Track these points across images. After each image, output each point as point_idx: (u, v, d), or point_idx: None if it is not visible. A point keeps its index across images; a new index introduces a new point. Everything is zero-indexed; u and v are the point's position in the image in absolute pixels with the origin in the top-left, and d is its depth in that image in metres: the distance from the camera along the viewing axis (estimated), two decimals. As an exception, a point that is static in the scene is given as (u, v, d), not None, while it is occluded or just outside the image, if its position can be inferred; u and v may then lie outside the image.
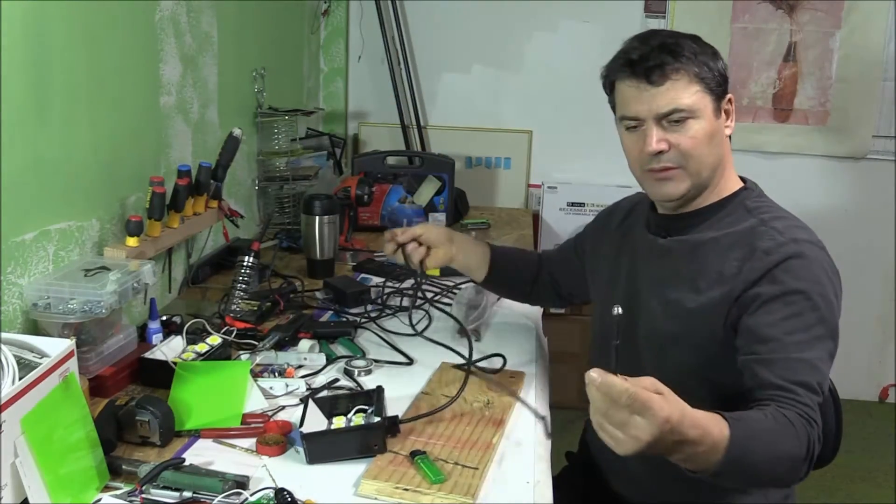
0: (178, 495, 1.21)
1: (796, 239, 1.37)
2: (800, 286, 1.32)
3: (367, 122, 3.63)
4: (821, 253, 1.38)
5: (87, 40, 1.65)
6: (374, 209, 2.83)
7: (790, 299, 1.31)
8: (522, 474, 1.34)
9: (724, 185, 1.48)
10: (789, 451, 1.19)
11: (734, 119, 1.47)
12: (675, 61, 1.39)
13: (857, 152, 3.48)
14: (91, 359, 1.54)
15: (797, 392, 1.24)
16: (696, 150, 1.42)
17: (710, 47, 1.43)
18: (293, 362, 1.68)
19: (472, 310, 1.94)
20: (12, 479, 1.12)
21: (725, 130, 1.45)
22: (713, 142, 1.42)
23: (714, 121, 1.42)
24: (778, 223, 1.41)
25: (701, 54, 1.41)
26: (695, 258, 1.44)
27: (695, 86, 1.40)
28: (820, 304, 1.32)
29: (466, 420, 1.47)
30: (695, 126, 1.41)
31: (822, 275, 1.35)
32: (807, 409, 1.23)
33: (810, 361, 1.28)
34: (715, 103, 1.42)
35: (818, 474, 1.72)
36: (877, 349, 3.67)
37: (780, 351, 1.29)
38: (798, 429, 1.20)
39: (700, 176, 1.44)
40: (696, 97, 1.39)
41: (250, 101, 2.62)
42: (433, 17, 3.50)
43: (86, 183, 1.69)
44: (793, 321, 1.30)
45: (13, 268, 1.47)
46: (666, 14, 3.42)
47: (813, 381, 1.26)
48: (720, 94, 1.42)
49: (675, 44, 1.40)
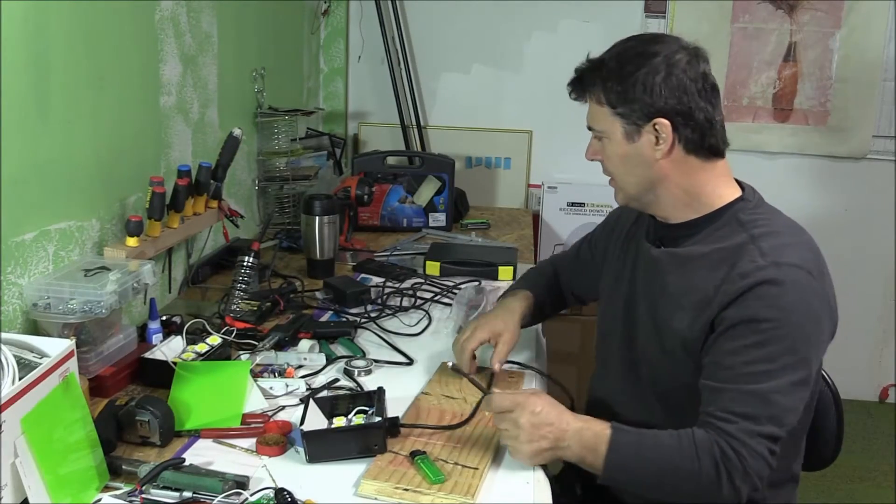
0: (178, 495, 1.21)
1: (778, 262, 1.31)
2: (769, 314, 1.28)
3: (367, 122, 3.63)
4: (806, 278, 1.31)
5: (87, 40, 1.65)
6: (374, 209, 2.83)
7: (757, 327, 1.29)
8: (522, 474, 1.34)
9: (705, 193, 1.42)
10: (688, 470, 1.26)
11: (677, 143, 1.38)
12: (582, 84, 1.44)
13: (857, 152, 3.48)
14: (91, 359, 1.54)
15: (732, 422, 1.26)
16: (612, 169, 1.46)
17: (644, 68, 1.36)
18: (293, 362, 1.68)
19: (472, 310, 1.94)
20: (12, 479, 1.12)
21: (655, 154, 1.39)
22: (629, 164, 1.42)
23: (625, 144, 1.40)
24: (766, 242, 1.35)
25: (615, 79, 1.37)
26: (683, 274, 1.41)
27: (603, 108, 1.41)
28: (790, 333, 1.28)
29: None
30: (608, 146, 1.43)
31: (799, 302, 1.30)
32: (732, 441, 1.26)
33: (762, 394, 1.27)
34: (627, 127, 1.39)
35: (818, 474, 1.74)
36: (877, 349, 3.66)
37: (732, 381, 1.29)
38: (701, 452, 1.26)
39: (628, 192, 1.46)
40: (605, 120, 1.41)
41: (250, 101, 2.62)
42: (433, 17, 3.50)
43: (86, 183, 1.69)
44: (756, 351, 1.28)
45: (13, 268, 1.47)
46: (666, 14, 3.42)
47: (759, 413, 1.26)
48: (635, 119, 1.38)
49: (598, 65, 1.41)
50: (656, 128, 1.37)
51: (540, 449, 1.31)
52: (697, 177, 1.41)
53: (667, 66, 1.36)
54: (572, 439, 1.31)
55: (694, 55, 1.39)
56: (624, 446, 1.29)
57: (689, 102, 1.36)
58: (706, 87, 1.38)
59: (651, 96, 1.36)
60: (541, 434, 1.31)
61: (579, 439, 1.31)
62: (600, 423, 1.32)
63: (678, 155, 1.39)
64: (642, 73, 1.36)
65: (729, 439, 1.26)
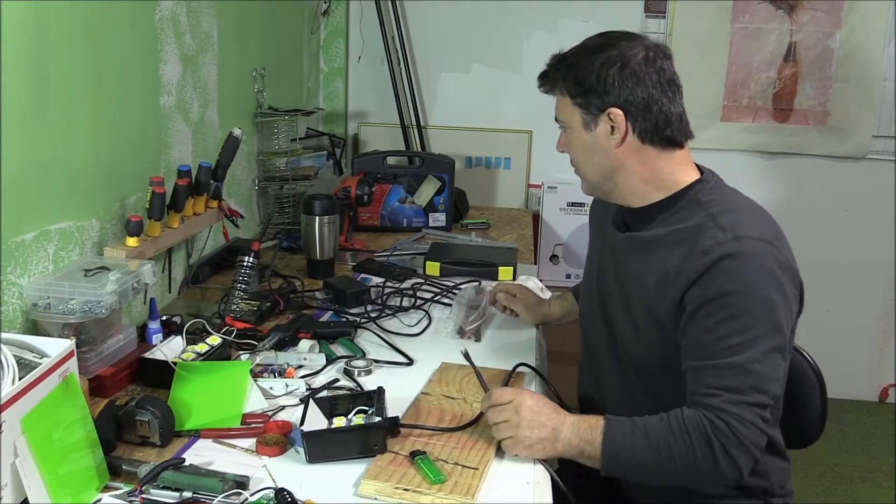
0: (178, 495, 1.21)
1: (738, 236, 1.36)
2: (735, 287, 1.33)
3: (367, 122, 3.63)
4: (766, 248, 1.36)
5: (88, 40, 1.65)
6: (374, 209, 2.83)
7: (725, 301, 1.33)
8: (522, 474, 1.34)
9: (664, 180, 1.47)
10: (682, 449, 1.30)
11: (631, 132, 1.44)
12: (547, 77, 1.51)
13: (857, 152, 3.48)
14: (91, 359, 1.54)
15: (717, 396, 1.30)
16: (575, 158, 1.53)
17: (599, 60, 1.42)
18: (293, 362, 1.68)
19: (472, 310, 1.94)
20: (12, 479, 1.12)
21: (611, 142, 1.45)
22: (590, 153, 1.49)
23: (584, 133, 1.47)
24: (725, 218, 1.39)
25: (574, 70, 1.45)
26: (645, 255, 1.47)
27: (565, 98, 1.48)
28: (758, 303, 1.32)
29: (467, 420, 1.47)
30: (571, 136, 1.51)
31: (762, 273, 1.34)
32: (720, 414, 1.29)
33: (740, 365, 1.31)
34: (585, 117, 1.46)
35: (818, 474, 1.74)
36: (877, 349, 3.66)
37: (710, 357, 1.33)
38: (691, 430, 1.30)
39: (589, 180, 1.54)
40: (566, 110, 1.49)
41: (250, 101, 2.62)
42: (433, 17, 3.50)
43: (86, 183, 1.69)
44: (727, 325, 1.32)
45: (13, 268, 1.47)
46: (666, 14, 3.42)
47: (741, 384, 1.30)
48: (591, 109, 1.44)
49: (561, 59, 1.49)
50: (611, 117, 1.44)
51: (539, 437, 1.34)
52: (655, 164, 1.47)
53: (622, 59, 1.42)
54: (570, 431, 1.35)
55: (655, 52, 1.44)
56: (618, 435, 1.33)
57: (643, 94, 1.42)
58: (663, 80, 1.43)
59: (605, 87, 1.42)
60: (540, 422, 1.35)
61: (577, 431, 1.35)
62: (594, 416, 1.37)
63: (633, 144, 1.45)
64: (598, 64, 1.43)
65: (716, 412, 1.30)
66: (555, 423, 1.35)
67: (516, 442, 1.35)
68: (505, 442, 1.37)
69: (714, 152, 3.50)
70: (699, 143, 1.51)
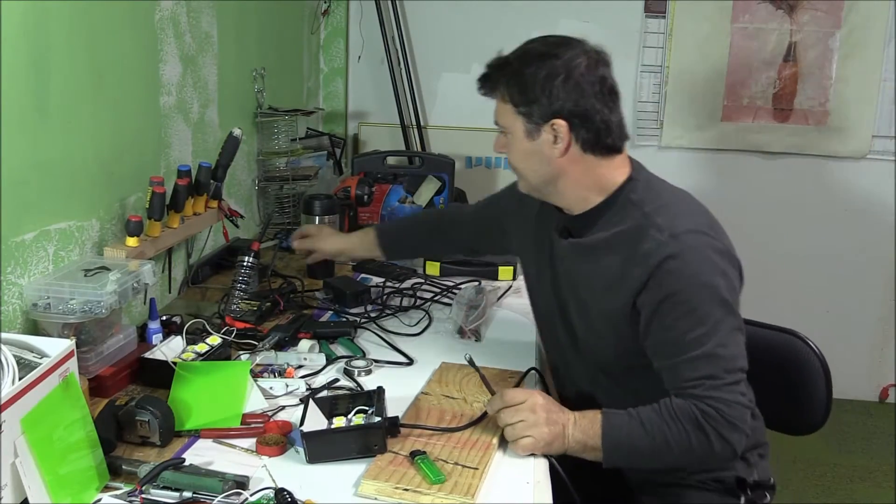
0: (178, 495, 1.21)
1: (674, 234, 1.41)
2: (682, 285, 1.38)
3: (367, 122, 3.63)
4: (702, 239, 1.42)
5: (88, 40, 1.65)
6: (374, 209, 2.82)
7: (677, 299, 1.39)
8: (522, 474, 1.35)
9: (603, 185, 1.49)
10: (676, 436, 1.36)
11: (574, 142, 1.45)
12: (488, 81, 1.51)
13: (857, 152, 3.48)
14: (91, 359, 1.54)
15: (697, 386, 1.37)
16: (514, 163, 1.55)
17: (543, 71, 1.42)
18: (293, 362, 1.68)
19: (472, 310, 1.94)
20: (12, 479, 1.12)
21: (554, 152, 1.46)
22: (531, 160, 1.50)
23: (527, 141, 1.48)
24: (660, 216, 1.44)
25: (518, 79, 1.45)
26: (590, 261, 1.51)
27: (507, 105, 1.49)
28: (706, 293, 1.38)
29: (466, 420, 1.47)
30: (512, 141, 1.52)
31: (703, 263, 1.40)
32: (706, 400, 1.36)
33: (709, 353, 1.37)
34: (528, 126, 1.47)
35: (818, 474, 1.75)
36: (877, 349, 3.66)
37: (679, 353, 1.39)
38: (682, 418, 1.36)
39: (530, 183, 1.55)
40: (508, 116, 1.49)
41: (250, 101, 2.62)
42: (433, 17, 3.50)
43: (86, 183, 1.69)
44: (686, 320, 1.38)
45: (13, 268, 1.47)
46: (666, 14, 3.42)
47: (715, 370, 1.37)
48: (535, 118, 1.45)
49: (504, 64, 1.48)
50: (554, 128, 1.45)
51: (555, 433, 1.39)
52: (595, 172, 1.49)
53: (566, 70, 1.43)
54: (575, 427, 1.40)
55: (595, 59, 1.46)
56: (616, 426, 1.39)
57: (586, 105, 1.44)
58: (604, 90, 1.45)
59: (549, 98, 1.43)
60: (554, 419, 1.40)
61: (579, 427, 1.40)
62: (592, 411, 1.42)
63: (575, 153, 1.47)
64: (542, 75, 1.43)
65: (702, 400, 1.36)
66: (563, 420, 1.41)
67: (536, 441, 1.38)
68: (523, 441, 1.39)
69: (714, 152, 3.51)
70: (699, 142, 1.52)
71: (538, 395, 1.43)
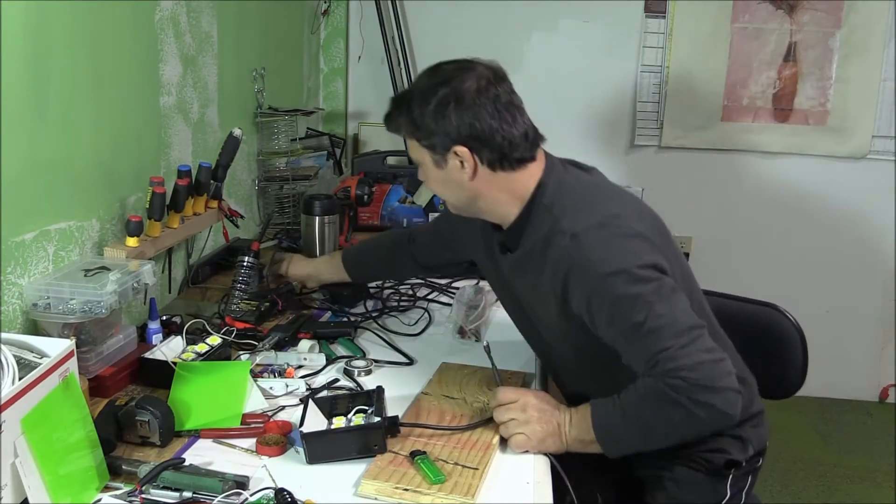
0: (178, 495, 1.21)
1: (576, 233, 1.42)
2: (596, 283, 1.39)
3: (367, 122, 3.62)
4: (602, 232, 1.42)
5: (88, 40, 1.65)
6: (374, 209, 2.82)
7: (600, 298, 1.39)
8: (522, 474, 1.35)
9: (520, 195, 1.50)
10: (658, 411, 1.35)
11: (480, 164, 1.46)
12: (390, 120, 1.53)
13: (857, 152, 3.48)
14: (91, 359, 1.54)
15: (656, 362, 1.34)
16: (434, 191, 1.59)
17: (434, 101, 1.44)
18: (293, 362, 1.68)
19: (472, 310, 1.94)
20: (12, 479, 1.12)
21: (463, 176, 1.47)
22: (447, 187, 1.52)
23: (437, 171, 1.50)
24: (566, 217, 1.45)
25: (414, 114, 1.46)
26: (525, 274, 1.54)
27: (412, 140, 1.51)
28: (622, 279, 1.37)
29: (466, 420, 1.47)
30: (426, 172, 1.53)
31: (609, 254, 1.40)
32: (669, 373, 1.33)
33: (656, 328, 1.35)
34: (434, 156, 1.48)
35: (818, 474, 1.76)
36: (877, 349, 3.66)
37: (631, 340, 1.38)
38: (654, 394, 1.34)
39: (456, 207, 1.57)
40: (416, 150, 1.51)
41: (250, 101, 2.62)
42: (433, 17, 3.50)
43: (86, 183, 1.69)
44: (620, 308, 1.37)
45: (13, 268, 1.47)
46: (666, 14, 3.42)
47: (665, 341, 1.34)
48: (437, 149, 1.46)
49: (401, 100, 1.50)
50: (457, 154, 1.46)
51: (549, 431, 1.41)
52: (511, 185, 1.50)
53: (455, 97, 1.43)
54: (570, 423, 1.42)
55: (487, 79, 1.45)
56: (603, 413, 1.40)
57: (483, 126, 1.44)
58: (499, 106, 1.45)
59: (445, 127, 1.44)
60: (547, 417, 1.42)
61: (574, 422, 1.42)
62: (584, 404, 1.44)
63: (485, 174, 1.48)
64: (433, 106, 1.44)
65: (665, 374, 1.33)
66: (558, 418, 1.43)
67: (528, 438, 1.40)
68: (515, 439, 1.41)
69: (714, 152, 3.51)
70: (699, 142, 1.52)
71: (531, 394, 1.45)
